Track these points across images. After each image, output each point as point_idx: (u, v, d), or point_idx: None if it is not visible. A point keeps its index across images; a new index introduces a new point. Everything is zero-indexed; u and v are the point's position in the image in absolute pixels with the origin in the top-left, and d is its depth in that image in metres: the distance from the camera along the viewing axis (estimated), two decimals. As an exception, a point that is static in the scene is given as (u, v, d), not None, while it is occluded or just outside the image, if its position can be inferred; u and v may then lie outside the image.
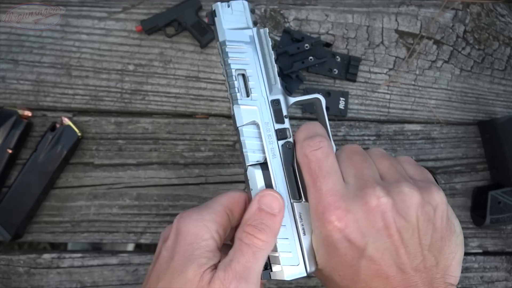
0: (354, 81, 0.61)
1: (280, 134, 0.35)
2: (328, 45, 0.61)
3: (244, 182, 0.57)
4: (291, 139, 0.36)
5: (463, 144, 0.61)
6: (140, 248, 0.78)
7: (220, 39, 0.36)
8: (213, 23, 0.37)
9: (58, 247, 0.84)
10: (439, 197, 0.35)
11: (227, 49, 0.36)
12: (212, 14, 0.37)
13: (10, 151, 0.54)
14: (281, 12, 0.61)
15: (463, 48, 0.63)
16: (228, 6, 0.37)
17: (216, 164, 0.58)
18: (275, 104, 0.36)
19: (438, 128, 0.61)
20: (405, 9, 0.63)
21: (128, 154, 0.58)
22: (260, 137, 0.35)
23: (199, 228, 0.32)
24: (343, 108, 0.60)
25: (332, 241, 0.33)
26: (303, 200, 0.35)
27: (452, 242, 0.35)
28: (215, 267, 0.32)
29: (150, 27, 0.58)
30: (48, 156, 0.54)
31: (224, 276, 0.30)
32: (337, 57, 0.60)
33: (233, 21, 0.37)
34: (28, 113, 0.56)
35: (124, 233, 0.57)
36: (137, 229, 0.57)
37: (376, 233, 0.32)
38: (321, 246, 0.34)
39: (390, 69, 0.62)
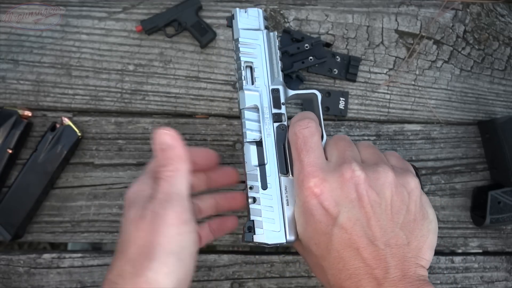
0: (354, 81, 0.61)
1: (276, 117, 0.41)
2: (328, 45, 0.61)
3: (243, 182, 0.57)
4: (285, 123, 0.41)
5: (463, 144, 0.61)
6: (140, 248, 0.78)
7: (235, 36, 0.43)
8: (231, 25, 0.44)
9: (58, 247, 0.84)
10: (413, 183, 0.37)
11: (239, 45, 0.43)
12: (231, 17, 0.44)
13: (10, 151, 0.54)
14: (281, 12, 0.61)
15: (463, 48, 0.63)
16: (245, 12, 0.44)
17: (216, 164, 0.58)
18: (275, 92, 0.42)
19: (438, 128, 0.61)
20: (405, 9, 0.63)
21: (128, 154, 0.58)
22: (259, 120, 0.41)
23: (138, 185, 0.39)
24: (343, 108, 0.60)
25: (309, 207, 0.36)
26: (290, 175, 0.40)
27: (424, 227, 0.37)
28: None
29: (150, 27, 0.58)
30: (48, 156, 0.54)
31: (152, 207, 0.35)
32: (337, 57, 0.60)
33: (248, 23, 0.44)
34: (28, 113, 0.56)
35: (124, 233, 0.57)
36: (137, 229, 0.57)
37: (349, 203, 0.35)
38: (300, 214, 0.38)
39: (390, 69, 0.62)
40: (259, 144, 0.40)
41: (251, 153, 0.40)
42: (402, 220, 0.36)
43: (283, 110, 0.42)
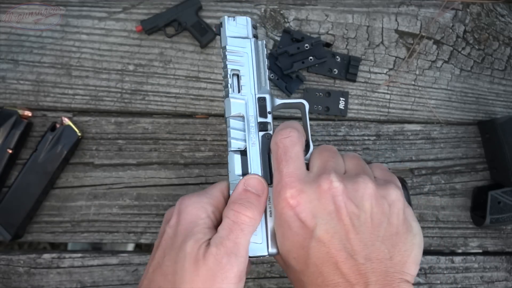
0: (354, 81, 0.61)
1: (262, 126, 0.40)
2: (328, 45, 0.61)
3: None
4: (271, 132, 0.41)
5: (463, 144, 0.61)
6: (140, 248, 0.79)
7: (222, 44, 0.43)
8: (219, 33, 0.44)
9: (58, 247, 0.84)
10: (394, 195, 0.36)
11: (226, 53, 0.42)
12: (219, 25, 0.44)
13: (10, 151, 0.54)
14: (281, 12, 0.61)
15: (463, 48, 0.63)
16: (234, 20, 0.44)
17: (216, 164, 0.58)
18: (261, 101, 0.41)
19: (438, 128, 0.61)
20: (405, 9, 0.63)
21: (128, 154, 0.58)
22: (244, 129, 0.40)
23: (198, 209, 0.36)
24: (343, 108, 0.60)
25: (286, 219, 0.35)
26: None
27: (408, 240, 0.35)
28: (209, 241, 0.35)
29: (150, 27, 0.58)
30: (48, 156, 0.54)
31: (216, 252, 0.33)
32: (337, 57, 0.60)
33: (236, 31, 0.44)
34: (28, 113, 0.56)
35: (124, 233, 0.57)
36: (137, 229, 0.57)
37: (327, 215, 0.34)
38: (277, 227, 0.37)
39: (390, 69, 0.62)
40: (243, 153, 0.39)
41: (235, 162, 0.39)
42: (383, 233, 0.34)
43: (269, 119, 0.41)
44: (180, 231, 0.36)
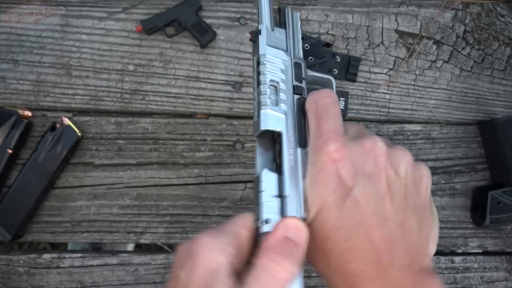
0: (354, 81, 0.61)
1: (297, 90, 0.38)
2: (328, 45, 0.61)
3: (243, 182, 0.57)
4: (305, 96, 0.38)
5: (463, 144, 0.61)
6: (140, 248, 0.79)
7: (261, 52, 0.39)
8: (255, 41, 0.41)
9: (58, 247, 0.84)
10: (426, 171, 0.36)
11: (265, 61, 0.39)
12: (257, 32, 0.41)
13: (10, 151, 0.54)
14: (281, 12, 0.61)
15: (463, 48, 0.63)
16: (273, 30, 0.41)
17: (216, 164, 0.58)
18: (298, 66, 0.40)
19: (438, 128, 0.61)
20: (405, 9, 0.63)
21: (128, 154, 0.58)
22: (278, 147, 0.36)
23: (217, 254, 0.30)
24: (343, 108, 0.60)
25: (324, 174, 0.33)
26: (308, 148, 0.35)
27: (432, 218, 0.35)
28: None
29: (150, 27, 0.58)
30: (48, 156, 0.54)
31: None
32: (337, 57, 0.60)
33: (274, 42, 0.41)
34: (28, 113, 0.56)
35: (124, 233, 0.57)
36: (137, 229, 0.57)
37: (367, 175, 0.33)
38: (311, 185, 0.33)
39: (390, 69, 0.62)
40: (277, 170, 0.35)
41: (271, 181, 0.34)
42: (414, 204, 0.34)
43: (303, 85, 0.39)
44: (197, 280, 0.29)
